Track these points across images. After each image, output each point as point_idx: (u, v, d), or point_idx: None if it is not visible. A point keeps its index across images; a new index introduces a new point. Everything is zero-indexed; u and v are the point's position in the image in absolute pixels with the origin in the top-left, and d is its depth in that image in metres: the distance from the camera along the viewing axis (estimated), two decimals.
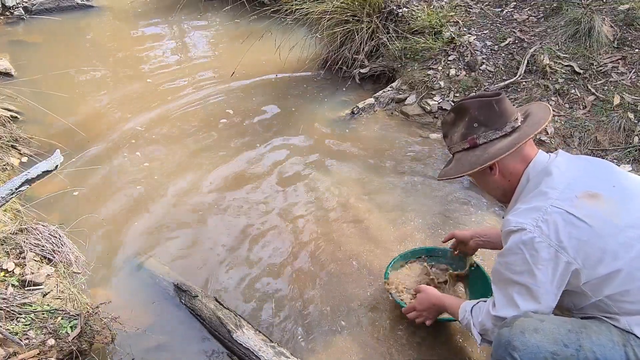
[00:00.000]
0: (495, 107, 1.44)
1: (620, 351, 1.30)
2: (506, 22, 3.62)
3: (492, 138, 1.44)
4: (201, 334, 1.96)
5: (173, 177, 2.84)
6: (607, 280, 1.28)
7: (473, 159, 1.46)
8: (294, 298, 2.12)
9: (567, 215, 1.28)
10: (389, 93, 3.53)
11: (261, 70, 4.03)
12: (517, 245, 1.32)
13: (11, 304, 1.70)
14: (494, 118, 1.44)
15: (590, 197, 1.30)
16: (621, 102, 2.91)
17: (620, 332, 1.31)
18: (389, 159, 2.99)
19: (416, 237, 2.40)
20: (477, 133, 1.46)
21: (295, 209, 2.59)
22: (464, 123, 1.48)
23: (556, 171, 1.38)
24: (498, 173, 1.46)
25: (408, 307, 1.84)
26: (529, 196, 1.38)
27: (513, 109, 1.47)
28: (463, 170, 1.47)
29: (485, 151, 1.44)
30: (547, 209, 1.30)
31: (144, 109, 3.51)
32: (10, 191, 1.80)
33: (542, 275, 1.30)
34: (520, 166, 1.44)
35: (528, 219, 1.31)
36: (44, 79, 3.79)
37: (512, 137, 1.42)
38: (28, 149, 2.94)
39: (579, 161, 1.45)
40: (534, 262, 1.30)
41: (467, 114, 1.47)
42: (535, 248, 1.29)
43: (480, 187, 1.62)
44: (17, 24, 4.89)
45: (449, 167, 1.56)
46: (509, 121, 1.44)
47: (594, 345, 1.29)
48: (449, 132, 1.55)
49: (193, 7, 5.24)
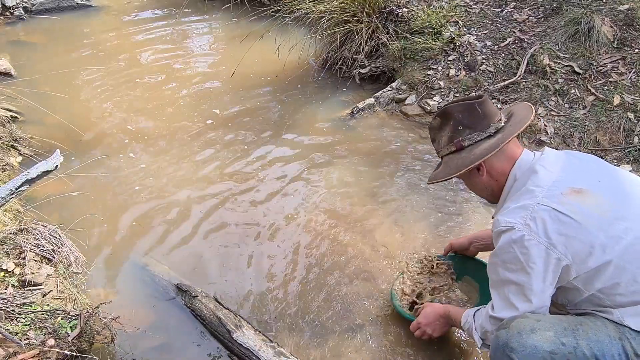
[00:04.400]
0: (478, 109, 1.48)
1: (617, 345, 1.31)
2: (506, 22, 3.62)
3: (477, 140, 1.48)
4: (201, 334, 1.96)
5: (173, 177, 2.84)
6: (597, 274, 1.30)
7: (460, 161, 1.50)
8: (294, 298, 2.12)
9: (554, 212, 1.31)
10: (388, 93, 3.53)
11: (261, 70, 4.03)
12: (509, 244, 1.35)
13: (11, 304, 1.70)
14: (477, 120, 1.48)
15: (576, 193, 1.33)
16: (621, 102, 2.91)
17: (615, 326, 1.33)
18: (389, 159, 2.99)
19: (417, 237, 2.40)
20: (463, 135, 1.50)
21: (295, 210, 2.59)
22: (449, 127, 1.53)
23: (541, 169, 1.40)
24: (485, 173, 1.50)
25: (413, 325, 1.82)
26: (516, 195, 1.41)
27: (496, 110, 1.51)
28: (451, 173, 1.51)
29: (471, 152, 1.48)
30: (534, 207, 1.33)
31: (144, 109, 3.51)
32: (10, 191, 1.80)
33: (534, 272, 1.32)
34: (507, 166, 1.48)
35: (517, 218, 1.34)
36: (44, 79, 3.79)
37: (497, 138, 1.46)
38: (28, 149, 2.93)
39: (565, 157, 1.47)
40: (526, 260, 1.32)
41: (452, 117, 1.51)
42: (526, 246, 1.31)
43: (470, 189, 1.65)
44: (17, 24, 4.88)
45: (438, 170, 1.61)
46: (493, 122, 1.48)
47: (590, 342, 1.30)
48: (436, 136, 1.60)
49: (193, 7, 5.23)
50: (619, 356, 1.32)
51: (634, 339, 1.30)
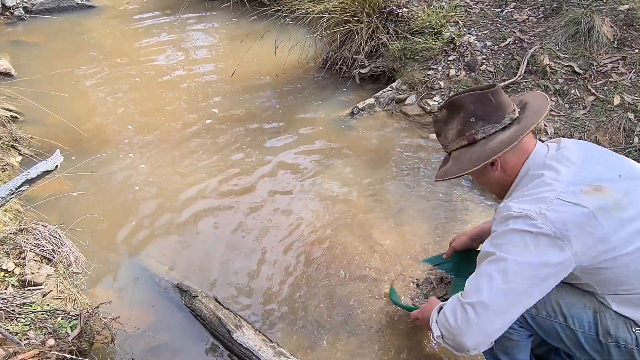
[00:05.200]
0: (492, 99, 1.37)
1: (590, 314, 1.29)
2: (506, 22, 3.62)
3: (492, 132, 1.37)
4: (201, 334, 1.96)
5: (173, 177, 2.84)
6: (604, 271, 1.25)
7: (474, 155, 1.38)
8: (294, 298, 2.12)
9: (573, 206, 1.22)
10: (389, 93, 3.53)
11: (261, 70, 4.03)
12: (516, 230, 1.25)
13: (11, 304, 1.70)
14: (491, 111, 1.37)
15: (596, 191, 1.25)
16: (621, 102, 2.91)
17: (594, 300, 1.30)
18: (389, 159, 2.99)
19: (418, 237, 2.40)
20: (475, 128, 1.38)
21: (295, 210, 2.59)
22: (459, 119, 1.41)
23: (559, 164, 1.31)
24: (499, 168, 1.40)
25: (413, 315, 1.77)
26: (531, 185, 1.32)
27: (509, 100, 1.41)
28: (465, 169, 1.39)
29: (485, 146, 1.37)
30: (552, 200, 1.24)
31: (144, 109, 3.51)
32: (10, 191, 1.80)
33: (537, 257, 1.22)
34: (520, 159, 1.38)
35: (533, 207, 1.24)
36: (44, 79, 3.79)
37: (513, 130, 1.36)
38: (28, 149, 2.94)
39: (584, 150, 1.37)
40: (533, 243, 1.23)
41: (463, 109, 1.39)
42: (536, 233, 1.22)
43: (480, 185, 1.56)
44: (17, 24, 4.88)
45: (447, 166, 1.49)
46: (507, 113, 1.37)
47: (560, 298, 1.27)
48: (442, 130, 1.48)
49: (193, 7, 5.23)
50: (588, 324, 1.31)
51: (611, 318, 1.28)
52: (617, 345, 1.29)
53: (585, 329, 1.32)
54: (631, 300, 1.27)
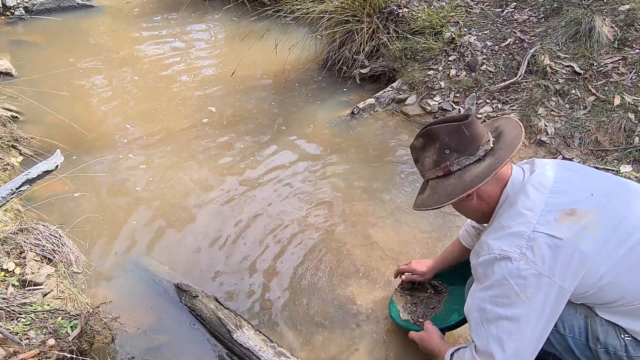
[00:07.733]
0: (465, 131, 1.36)
1: (581, 320, 1.30)
2: (506, 22, 3.62)
3: (466, 164, 1.37)
4: (201, 334, 1.96)
5: (173, 177, 2.84)
6: (593, 293, 1.27)
7: (449, 188, 1.38)
8: (295, 298, 2.12)
9: (550, 238, 1.23)
10: (389, 93, 3.53)
11: (261, 70, 4.03)
12: (503, 277, 1.26)
13: (11, 304, 1.70)
14: (465, 143, 1.36)
15: (569, 216, 1.25)
16: (622, 102, 2.91)
17: (585, 307, 1.32)
18: (389, 160, 2.99)
19: (418, 237, 2.40)
20: (450, 160, 1.38)
21: (295, 210, 2.59)
22: (434, 149, 1.40)
23: (532, 189, 1.32)
24: (476, 198, 1.41)
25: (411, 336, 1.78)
26: (506, 215, 1.33)
27: (483, 130, 1.41)
28: (442, 202, 1.39)
29: (460, 178, 1.37)
30: (529, 235, 1.25)
31: (144, 108, 3.51)
32: (10, 191, 1.80)
33: (531, 305, 1.24)
34: (498, 188, 1.39)
35: (512, 247, 1.26)
36: (45, 78, 3.79)
37: (488, 163, 1.35)
38: (29, 148, 2.93)
39: (556, 171, 1.37)
40: (522, 291, 1.24)
41: (437, 140, 1.39)
42: (523, 276, 1.23)
43: (459, 211, 1.56)
44: (18, 24, 4.88)
45: (425, 195, 1.49)
46: (481, 144, 1.37)
47: None
48: (419, 157, 1.48)
49: (193, 7, 5.23)
50: (578, 330, 1.32)
51: (601, 324, 1.29)
52: (607, 352, 1.30)
53: (575, 335, 1.33)
54: (620, 311, 1.28)
